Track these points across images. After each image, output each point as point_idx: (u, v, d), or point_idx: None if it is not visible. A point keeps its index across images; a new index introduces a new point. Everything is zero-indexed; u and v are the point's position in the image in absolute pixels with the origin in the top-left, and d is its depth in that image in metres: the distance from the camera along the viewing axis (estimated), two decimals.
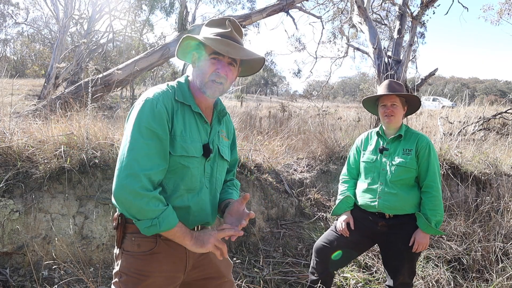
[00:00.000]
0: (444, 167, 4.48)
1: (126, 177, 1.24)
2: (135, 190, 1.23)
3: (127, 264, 1.38)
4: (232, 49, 1.35)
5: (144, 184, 1.24)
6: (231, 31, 1.39)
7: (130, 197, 1.23)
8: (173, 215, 1.30)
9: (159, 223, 1.26)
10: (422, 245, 2.21)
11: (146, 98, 1.34)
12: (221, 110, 1.53)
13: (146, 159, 1.26)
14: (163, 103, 1.33)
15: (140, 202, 1.24)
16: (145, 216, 1.26)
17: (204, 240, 1.34)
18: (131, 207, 1.25)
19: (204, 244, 1.33)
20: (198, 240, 1.34)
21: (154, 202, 1.26)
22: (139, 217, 1.27)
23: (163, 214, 1.27)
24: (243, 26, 7.72)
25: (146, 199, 1.24)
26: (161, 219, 1.27)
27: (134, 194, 1.23)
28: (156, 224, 1.26)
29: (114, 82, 6.71)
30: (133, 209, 1.26)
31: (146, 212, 1.25)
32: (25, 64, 26.81)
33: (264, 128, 6.35)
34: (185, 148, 1.36)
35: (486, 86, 50.91)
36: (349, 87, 60.29)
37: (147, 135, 1.28)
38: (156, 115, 1.30)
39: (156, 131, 1.29)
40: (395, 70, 6.24)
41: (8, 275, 2.51)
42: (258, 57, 1.44)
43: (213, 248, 1.33)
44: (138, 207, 1.24)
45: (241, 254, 3.33)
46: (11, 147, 2.94)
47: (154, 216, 1.26)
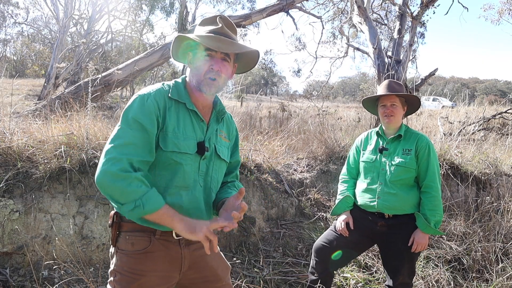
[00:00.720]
0: (444, 167, 4.48)
1: (107, 161, 1.23)
2: (116, 173, 1.21)
3: (121, 263, 1.38)
4: (223, 44, 1.37)
5: (125, 166, 1.23)
6: (222, 27, 1.41)
7: (111, 179, 1.21)
8: (158, 197, 1.26)
9: (143, 204, 1.23)
10: (422, 245, 2.21)
11: (138, 94, 1.37)
12: (220, 110, 1.53)
13: (130, 147, 1.27)
14: (154, 99, 1.35)
15: (121, 184, 1.21)
16: (128, 198, 1.22)
17: (195, 227, 1.28)
18: (113, 190, 1.22)
19: (195, 230, 1.27)
20: (190, 225, 1.28)
21: (136, 183, 1.23)
22: (122, 200, 1.23)
23: (147, 194, 1.24)
24: (243, 26, 7.72)
25: (127, 180, 1.21)
26: (145, 199, 1.23)
27: (115, 176, 1.21)
28: (140, 205, 1.22)
29: (114, 82, 6.72)
30: (115, 192, 1.22)
31: (128, 193, 1.22)
32: (25, 64, 26.82)
33: (264, 128, 6.35)
34: (177, 144, 1.36)
35: (486, 86, 50.91)
36: (349, 87, 60.29)
37: (134, 127, 1.29)
38: (145, 109, 1.32)
39: (143, 124, 1.30)
40: (395, 70, 6.24)
41: (8, 275, 2.51)
42: (250, 50, 1.45)
43: (204, 238, 1.27)
44: (119, 189, 1.21)
45: (241, 254, 3.33)
46: (11, 147, 2.94)
47: (137, 197, 1.22)
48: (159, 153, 1.35)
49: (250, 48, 1.44)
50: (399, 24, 7.10)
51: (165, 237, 1.40)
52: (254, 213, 3.71)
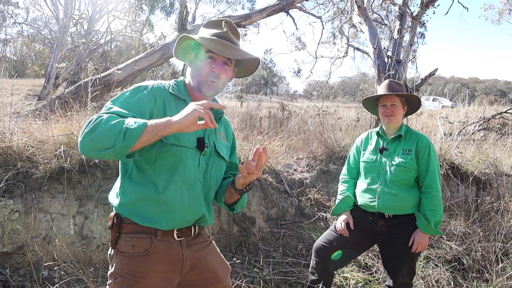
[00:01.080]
0: (444, 167, 4.48)
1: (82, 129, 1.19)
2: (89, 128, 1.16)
3: (121, 265, 1.37)
4: (227, 49, 1.39)
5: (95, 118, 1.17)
6: (227, 31, 1.43)
7: (88, 136, 1.15)
8: (137, 119, 1.19)
9: (128, 125, 1.15)
10: (422, 245, 2.21)
11: (137, 84, 1.40)
12: (218, 110, 1.54)
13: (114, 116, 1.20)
14: (152, 92, 1.37)
15: (100, 127, 1.14)
16: (113, 134, 1.14)
17: (186, 110, 1.19)
18: (97, 139, 1.15)
19: (187, 111, 1.18)
20: (181, 113, 1.20)
21: (111, 119, 1.16)
22: (110, 141, 1.14)
23: (127, 119, 1.18)
24: (243, 26, 7.72)
25: (102, 122, 1.15)
26: (127, 122, 1.16)
27: (92, 128, 1.15)
28: (126, 129, 1.14)
29: (114, 82, 6.71)
30: (100, 140, 1.14)
31: (110, 129, 1.14)
32: (25, 64, 26.82)
33: (264, 128, 6.35)
34: (177, 137, 1.36)
35: (486, 86, 50.93)
36: (349, 87, 60.30)
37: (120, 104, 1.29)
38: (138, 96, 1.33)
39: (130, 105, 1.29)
40: (395, 70, 6.24)
41: (8, 275, 2.51)
42: (252, 57, 1.48)
43: (199, 111, 1.17)
44: (101, 133, 1.14)
45: (241, 254, 3.33)
46: (11, 147, 2.94)
47: (120, 126, 1.15)
48: (159, 146, 1.35)
49: (252, 55, 1.47)
50: (399, 24, 7.10)
51: (166, 238, 1.40)
52: (254, 213, 3.71)
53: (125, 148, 1.16)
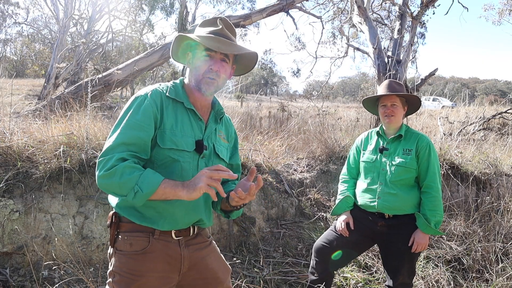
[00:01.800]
0: (444, 167, 4.48)
1: (98, 165, 1.26)
2: (106, 172, 1.23)
3: (119, 263, 1.38)
4: (223, 45, 1.38)
5: (112, 163, 1.24)
6: (222, 28, 1.42)
7: (106, 180, 1.24)
8: (154, 175, 1.26)
9: (140, 188, 1.22)
10: (422, 245, 2.21)
11: (135, 96, 1.39)
12: (219, 110, 1.54)
13: (120, 147, 1.28)
14: (152, 98, 1.37)
15: (115, 178, 1.22)
16: (127, 188, 1.23)
17: (195, 182, 1.24)
18: (112, 187, 1.25)
19: (196, 185, 1.23)
20: (190, 185, 1.25)
21: (127, 171, 1.23)
22: (123, 192, 1.24)
23: (142, 176, 1.24)
24: (243, 26, 7.72)
25: (118, 173, 1.23)
26: (141, 183, 1.23)
27: (107, 176, 1.23)
28: (138, 190, 1.22)
29: (114, 82, 6.71)
30: (114, 189, 1.25)
31: (124, 184, 1.23)
32: (25, 64, 26.82)
33: (264, 128, 6.35)
34: (175, 142, 1.36)
35: (486, 86, 50.94)
36: (349, 87, 60.30)
37: (126, 127, 1.31)
38: (142, 109, 1.34)
39: (139, 123, 1.31)
40: (395, 70, 6.24)
41: (8, 275, 2.51)
42: (249, 52, 1.47)
43: (206, 187, 1.21)
44: (116, 184, 1.23)
45: (241, 254, 3.33)
46: (11, 147, 2.94)
47: (134, 184, 1.23)
48: (156, 151, 1.35)
49: (249, 50, 1.46)
50: (399, 24, 7.10)
51: (164, 238, 1.40)
52: (254, 213, 3.71)
53: (135, 204, 1.28)
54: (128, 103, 1.38)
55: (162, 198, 1.27)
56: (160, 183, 1.25)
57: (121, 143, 1.28)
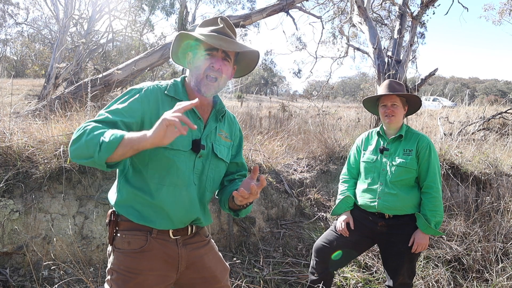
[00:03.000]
0: (444, 167, 4.48)
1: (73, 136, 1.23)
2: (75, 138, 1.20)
3: (117, 261, 1.38)
4: (225, 43, 1.37)
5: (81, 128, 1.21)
6: (224, 27, 1.41)
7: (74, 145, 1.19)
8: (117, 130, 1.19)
9: (104, 137, 1.15)
10: (422, 245, 2.21)
11: (132, 87, 1.39)
12: (220, 109, 1.52)
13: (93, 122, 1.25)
14: (145, 94, 1.36)
15: (81, 139, 1.18)
16: (92, 145, 1.16)
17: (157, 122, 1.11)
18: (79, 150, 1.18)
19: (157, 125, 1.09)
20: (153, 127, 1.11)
21: (94, 129, 1.19)
22: (90, 151, 1.16)
23: (107, 131, 1.18)
24: (243, 26, 7.72)
25: (85, 133, 1.18)
26: (106, 135, 1.16)
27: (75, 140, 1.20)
28: (103, 141, 1.14)
29: (114, 82, 6.71)
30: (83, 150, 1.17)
31: (89, 141, 1.16)
32: (25, 64, 26.82)
33: (264, 128, 6.35)
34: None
35: (486, 86, 50.96)
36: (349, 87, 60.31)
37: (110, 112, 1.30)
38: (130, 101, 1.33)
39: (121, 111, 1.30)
40: (395, 70, 6.24)
41: (8, 275, 2.51)
42: (251, 50, 1.45)
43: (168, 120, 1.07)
44: (81, 145, 1.17)
45: (241, 254, 3.33)
46: (11, 147, 2.94)
47: (99, 138, 1.16)
48: (151, 150, 1.33)
49: (251, 48, 1.45)
50: (399, 24, 7.09)
51: (162, 236, 1.40)
52: (254, 213, 3.71)
53: (101, 160, 1.16)
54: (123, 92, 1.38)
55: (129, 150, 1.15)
56: (125, 134, 1.16)
57: (97, 121, 1.26)
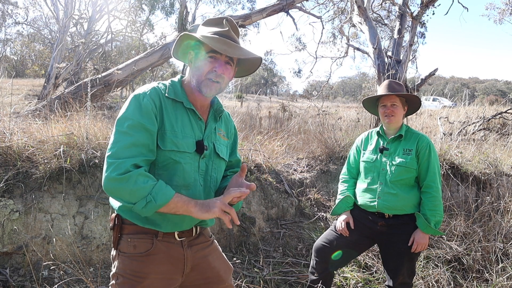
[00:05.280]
0: (444, 167, 4.48)
1: (109, 167, 1.24)
2: (118, 177, 1.21)
3: (123, 265, 1.37)
4: (230, 48, 1.35)
5: (126, 169, 1.22)
6: (229, 30, 1.39)
7: (117, 183, 1.22)
8: (167, 187, 1.26)
9: (154, 198, 1.22)
10: (421, 245, 2.21)
11: (133, 95, 1.36)
12: (218, 109, 1.52)
13: (131, 149, 1.26)
14: (150, 98, 1.34)
15: (127, 184, 1.21)
16: (138, 197, 1.22)
17: (210, 205, 1.28)
18: (122, 192, 1.23)
19: (210, 208, 1.27)
20: (204, 205, 1.28)
21: (141, 179, 1.23)
22: (133, 199, 1.23)
23: (156, 187, 1.24)
24: (243, 26, 7.72)
25: (132, 180, 1.21)
26: (155, 193, 1.23)
27: (119, 180, 1.21)
28: (151, 200, 1.22)
29: (114, 82, 6.71)
30: (124, 195, 1.23)
31: (136, 192, 1.22)
32: (25, 64, 26.82)
33: (264, 128, 6.35)
34: (176, 143, 1.35)
35: (486, 86, 50.98)
36: (349, 87, 60.33)
37: (132, 129, 1.28)
38: (143, 108, 1.31)
39: (142, 124, 1.29)
40: (395, 70, 6.24)
41: (8, 275, 2.51)
42: (255, 56, 1.44)
43: (220, 212, 1.25)
44: (127, 191, 1.22)
45: (241, 254, 3.33)
46: (11, 147, 2.94)
47: (147, 193, 1.22)
48: (158, 153, 1.34)
49: (255, 55, 1.44)
50: (399, 24, 7.09)
51: (167, 239, 1.40)
52: (254, 213, 3.71)
53: (142, 213, 1.26)
54: (127, 102, 1.35)
55: (171, 211, 1.28)
56: (173, 195, 1.25)
57: (130, 144, 1.26)
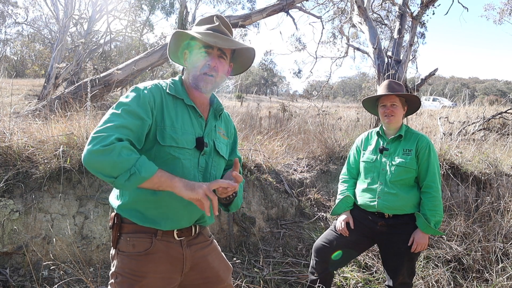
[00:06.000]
0: (444, 167, 4.48)
1: (93, 140, 1.20)
2: (103, 148, 1.17)
3: (122, 264, 1.38)
4: (220, 40, 1.39)
5: (111, 140, 1.18)
6: (219, 25, 1.44)
7: (99, 155, 1.16)
8: (150, 162, 1.23)
9: (138, 170, 1.19)
10: (421, 245, 2.21)
11: (135, 86, 1.39)
12: (218, 107, 1.54)
13: (119, 129, 1.24)
14: (150, 92, 1.37)
15: (111, 156, 1.16)
16: (121, 169, 1.17)
17: (195, 185, 1.26)
18: (103, 165, 1.17)
19: (194, 189, 1.24)
20: (189, 184, 1.26)
21: (125, 152, 1.19)
22: (115, 172, 1.17)
23: (139, 160, 1.21)
24: (243, 26, 7.72)
25: (116, 151, 1.17)
26: (139, 165, 1.19)
27: (102, 151, 1.16)
28: (135, 172, 1.18)
29: (114, 82, 6.71)
30: (105, 167, 1.17)
31: (119, 163, 1.17)
32: (25, 64, 26.82)
33: (264, 128, 6.35)
34: (175, 139, 1.36)
35: (486, 86, 50.99)
36: (349, 87, 60.36)
37: (125, 112, 1.29)
38: (141, 99, 1.33)
39: (137, 111, 1.30)
40: (395, 70, 6.24)
41: (8, 275, 2.51)
42: (246, 47, 1.47)
43: (203, 196, 1.23)
44: (109, 162, 1.16)
45: (241, 254, 3.33)
46: (11, 147, 2.94)
47: (130, 165, 1.18)
48: (157, 148, 1.35)
49: (246, 45, 1.47)
50: (399, 24, 7.10)
51: (166, 238, 1.40)
52: (254, 213, 3.71)
53: (124, 187, 1.21)
54: (128, 92, 1.38)
55: (154, 187, 1.24)
56: (157, 169, 1.23)
57: (121, 125, 1.25)
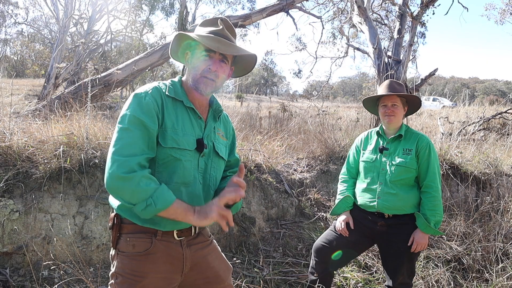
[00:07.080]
0: (444, 167, 4.48)
1: (113, 164, 1.24)
2: (123, 175, 1.22)
3: (122, 265, 1.38)
4: (222, 45, 1.39)
5: (131, 167, 1.24)
6: (223, 29, 1.43)
7: (120, 182, 1.23)
8: (168, 192, 1.28)
9: (154, 201, 1.24)
10: (421, 245, 2.21)
11: (134, 93, 1.38)
12: (217, 108, 1.54)
13: (133, 146, 1.27)
14: (152, 96, 1.37)
15: (130, 184, 1.22)
16: (139, 198, 1.23)
17: (207, 211, 1.30)
18: (123, 192, 1.24)
19: (207, 214, 1.29)
20: (201, 212, 1.31)
21: (144, 181, 1.24)
22: (134, 200, 1.24)
23: (157, 191, 1.25)
24: (243, 26, 7.72)
25: (135, 180, 1.23)
26: (155, 197, 1.24)
27: (123, 179, 1.22)
28: (151, 203, 1.24)
29: (114, 82, 6.71)
30: (125, 194, 1.24)
31: (138, 193, 1.23)
32: (25, 64, 26.83)
33: (264, 128, 6.35)
34: (176, 141, 1.36)
35: (486, 86, 51.00)
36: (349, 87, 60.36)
37: (133, 125, 1.30)
38: (144, 106, 1.33)
39: (143, 121, 1.31)
40: (395, 70, 6.24)
41: (8, 275, 2.51)
42: (248, 53, 1.47)
43: (218, 216, 1.29)
44: (129, 190, 1.23)
45: (241, 254, 3.33)
46: (11, 147, 2.94)
47: (148, 196, 1.24)
48: (158, 150, 1.36)
49: (248, 52, 1.46)
50: (399, 24, 7.09)
51: (166, 238, 1.40)
52: (254, 213, 3.71)
53: (141, 215, 1.27)
54: (129, 101, 1.37)
55: (170, 217, 1.29)
56: (173, 201, 1.27)
57: (133, 141, 1.28)
